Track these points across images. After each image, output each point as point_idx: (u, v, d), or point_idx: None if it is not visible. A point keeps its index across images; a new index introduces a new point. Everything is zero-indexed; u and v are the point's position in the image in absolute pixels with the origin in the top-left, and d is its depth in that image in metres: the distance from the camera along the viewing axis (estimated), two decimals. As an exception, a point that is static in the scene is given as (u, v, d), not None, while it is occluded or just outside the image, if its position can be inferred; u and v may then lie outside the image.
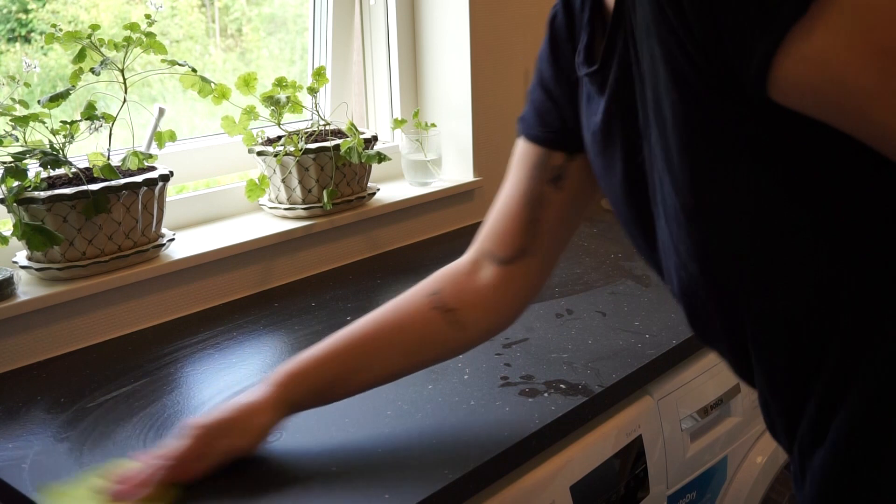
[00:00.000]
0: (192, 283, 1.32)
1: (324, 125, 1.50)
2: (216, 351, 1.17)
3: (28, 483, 0.86)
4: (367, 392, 1.02)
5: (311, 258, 1.48)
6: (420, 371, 0.94)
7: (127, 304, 1.24)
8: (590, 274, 1.41)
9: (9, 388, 1.08)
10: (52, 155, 1.17)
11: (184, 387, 1.06)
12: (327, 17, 1.67)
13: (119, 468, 0.83)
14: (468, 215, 1.76)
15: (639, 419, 1.08)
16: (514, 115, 1.88)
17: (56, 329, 1.18)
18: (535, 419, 0.94)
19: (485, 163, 1.76)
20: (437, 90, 1.75)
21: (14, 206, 1.14)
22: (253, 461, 0.88)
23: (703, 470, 1.20)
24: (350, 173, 1.49)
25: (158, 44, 1.25)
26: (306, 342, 1.18)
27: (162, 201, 1.28)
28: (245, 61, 1.66)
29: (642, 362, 1.07)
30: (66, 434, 0.95)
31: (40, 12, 1.36)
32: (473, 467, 0.85)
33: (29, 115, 1.14)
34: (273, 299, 1.36)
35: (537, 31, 1.82)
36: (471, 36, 1.68)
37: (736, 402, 1.26)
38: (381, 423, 0.94)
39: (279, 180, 1.45)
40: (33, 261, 1.20)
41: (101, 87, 1.25)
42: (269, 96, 1.42)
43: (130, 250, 1.23)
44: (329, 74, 1.66)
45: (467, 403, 0.98)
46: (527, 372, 1.05)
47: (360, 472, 0.85)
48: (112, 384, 1.07)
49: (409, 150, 1.68)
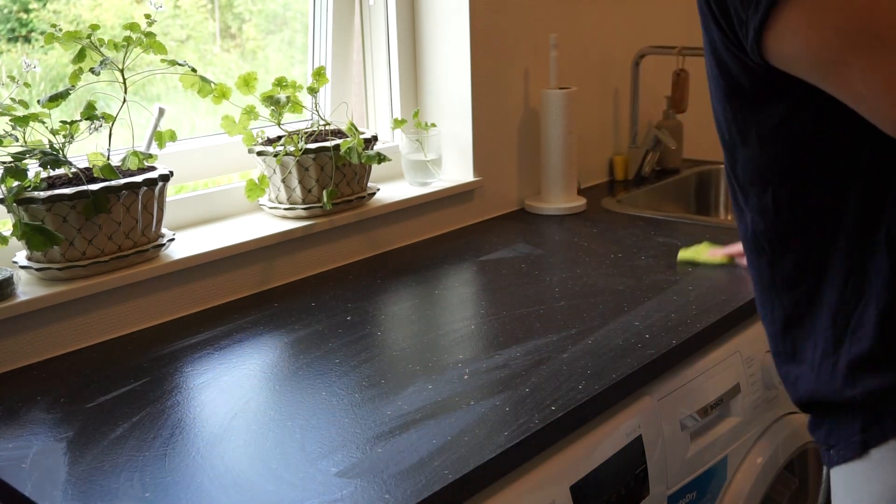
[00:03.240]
0: (192, 283, 1.32)
1: (324, 125, 1.50)
2: (216, 351, 1.17)
3: (28, 483, 0.86)
4: (366, 391, 1.02)
5: (311, 258, 1.48)
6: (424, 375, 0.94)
7: (127, 304, 1.24)
8: (590, 274, 1.41)
9: (9, 388, 1.08)
10: (52, 155, 1.17)
11: (183, 387, 1.06)
12: (327, 16, 1.68)
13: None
14: (468, 215, 1.76)
15: (639, 419, 1.08)
16: (515, 115, 1.90)
17: (56, 329, 1.18)
18: (535, 419, 0.94)
19: (485, 163, 1.76)
20: (437, 90, 1.75)
21: (14, 206, 1.14)
22: (252, 461, 0.88)
23: (703, 470, 1.20)
24: (350, 173, 1.49)
25: (158, 44, 1.25)
26: (306, 342, 1.18)
27: (162, 201, 1.28)
28: (248, 60, 1.66)
29: (642, 362, 1.07)
30: (66, 434, 0.95)
31: (41, 12, 1.36)
32: (473, 467, 0.85)
33: (29, 115, 1.14)
34: (273, 299, 1.36)
35: (537, 31, 1.82)
36: (471, 36, 1.68)
37: (736, 402, 1.26)
38: (381, 423, 0.94)
39: (279, 180, 1.45)
40: (33, 261, 1.20)
41: (101, 87, 1.25)
42: (269, 96, 1.42)
43: (130, 250, 1.23)
44: (329, 74, 1.66)
45: (467, 403, 0.98)
46: (527, 372, 1.05)
47: (359, 472, 0.85)
48: (112, 384, 1.07)
49: (409, 150, 1.68)
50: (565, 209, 1.80)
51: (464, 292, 1.39)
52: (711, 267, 1.40)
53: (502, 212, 1.83)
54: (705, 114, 2.60)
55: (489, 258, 1.53)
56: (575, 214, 1.80)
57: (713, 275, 1.38)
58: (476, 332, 1.19)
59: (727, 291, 1.30)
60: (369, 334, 1.20)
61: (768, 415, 1.35)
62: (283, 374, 1.09)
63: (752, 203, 0.86)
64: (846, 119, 0.74)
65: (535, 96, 1.85)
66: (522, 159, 1.86)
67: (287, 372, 1.09)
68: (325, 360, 1.12)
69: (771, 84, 0.77)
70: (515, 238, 1.65)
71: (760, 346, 1.32)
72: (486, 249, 1.58)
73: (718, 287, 1.32)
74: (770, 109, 0.79)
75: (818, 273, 0.82)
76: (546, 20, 1.85)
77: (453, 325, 1.22)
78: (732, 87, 0.82)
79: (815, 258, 0.82)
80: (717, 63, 0.82)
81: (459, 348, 1.14)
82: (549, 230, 1.69)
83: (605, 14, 2.03)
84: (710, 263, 1.41)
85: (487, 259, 1.52)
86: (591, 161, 2.07)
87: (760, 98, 0.79)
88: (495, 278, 1.42)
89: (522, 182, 1.87)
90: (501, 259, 1.52)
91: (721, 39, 0.78)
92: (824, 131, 0.78)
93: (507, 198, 1.84)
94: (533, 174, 1.88)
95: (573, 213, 1.81)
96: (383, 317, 1.27)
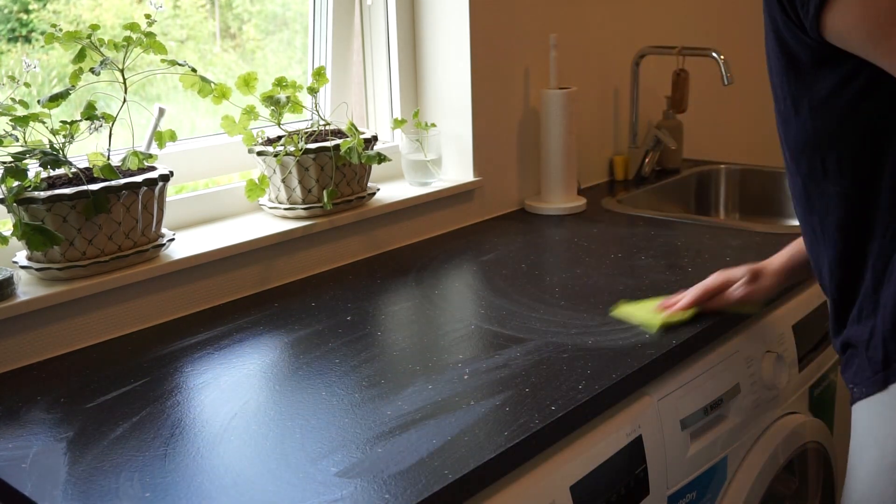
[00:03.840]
0: (192, 283, 1.32)
1: (324, 125, 1.51)
2: (216, 351, 1.17)
3: (28, 483, 0.86)
4: (366, 391, 1.02)
5: (311, 258, 1.48)
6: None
7: (127, 304, 1.24)
8: (590, 274, 1.41)
9: (9, 388, 1.08)
10: (52, 155, 1.17)
11: (183, 387, 1.07)
12: (327, 17, 1.68)
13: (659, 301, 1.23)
14: (468, 215, 1.76)
15: (639, 419, 1.08)
16: (515, 115, 1.89)
17: (56, 329, 1.18)
18: (535, 419, 0.94)
19: (485, 163, 1.76)
20: (437, 90, 1.75)
21: (14, 206, 1.14)
22: (252, 461, 0.88)
23: (703, 470, 1.20)
24: (350, 173, 1.49)
25: (158, 44, 1.25)
26: (306, 342, 1.18)
27: (162, 201, 1.28)
28: (247, 61, 1.66)
29: (642, 362, 1.07)
30: (66, 434, 0.95)
31: (41, 12, 1.36)
32: (473, 467, 0.85)
33: (29, 115, 1.14)
34: (273, 299, 1.36)
35: (537, 31, 1.83)
36: (471, 36, 1.68)
37: (736, 402, 1.26)
38: (381, 423, 0.94)
39: (279, 180, 1.45)
40: (33, 261, 1.20)
41: (101, 87, 1.25)
42: (269, 96, 1.42)
43: (130, 250, 1.23)
44: (329, 74, 1.66)
45: (467, 403, 0.98)
46: (526, 372, 1.05)
47: (359, 472, 0.85)
48: (112, 384, 1.07)
49: (409, 150, 1.68)
50: (565, 209, 1.80)
51: (464, 292, 1.39)
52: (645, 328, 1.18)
53: (502, 212, 1.83)
54: (705, 114, 2.61)
55: (489, 258, 1.53)
56: (575, 214, 1.80)
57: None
58: (476, 332, 1.19)
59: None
60: (369, 334, 1.20)
61: (768, 415, 1.35)
62: (283, 374, 1.09)
63: (803, 168, 0.99)
64: (890, 92, 0.89)
65: (535, 96, 1.85)
66: (522, 159, 1.86)
67: (287, 372, 1.10)
68: (325, 360, 1.12)
69: (824, 58, 0.90)
70: (515, 238, 1.65)
71: (760, 346, 1.32)
72: (486, 249, 1.58)
73: (718, 287, 1.32)
74: (822, 82, 0.92)
75: (862, 228, 0.96)
76: (546, 20, 1.85)
77: (453, 325, 1.22)
78: (790, 62, 0.94)
79: (859, 215, 0.96)
80: (778, 40, 0.94)
81: (459, 348, 1.14)
82: (549, 230, 1.69)
83: (605, 14, 2.03)
84: (645, 325, 1.18)
85: (487, 259, 1.52)
86: (591, 161, 2.07)
87: (814, 71, 0.92)
88: (495, 278, 1.42)
89: (522, 182, 1.87)
90: (501, 259, 1.52)
91: (783, 19, 0.92)
92: (870, 102, 0.91)
93: (507, 198, 1.84)
94: (533, 174, 1.88)
95: (573, 213, 1.81)
96: (383, 317, 1.27)
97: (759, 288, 1.22)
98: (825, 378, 1.55)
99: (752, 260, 1.26)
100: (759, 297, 1.23)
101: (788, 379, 1.37)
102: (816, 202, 1.00)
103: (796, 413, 1.43)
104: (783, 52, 0.95)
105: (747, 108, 2.67)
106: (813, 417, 1.48)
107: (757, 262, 1.25)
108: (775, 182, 2.14)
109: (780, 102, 0.99)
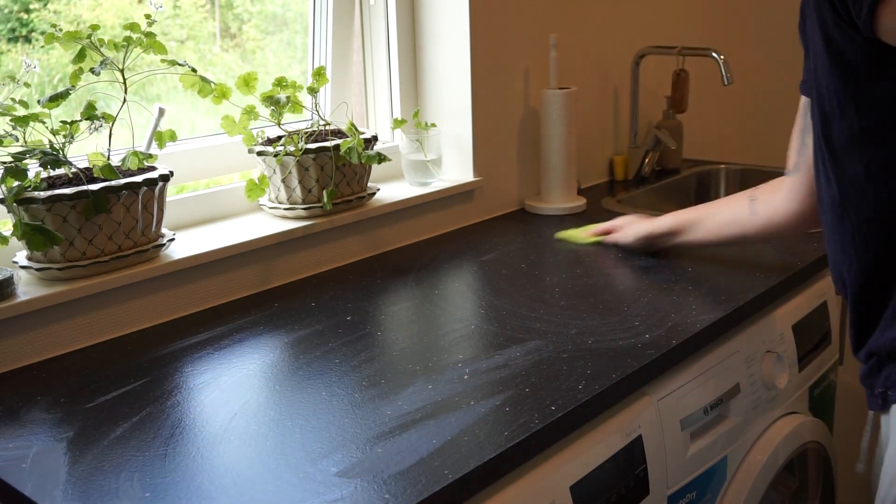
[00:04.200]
0: (192, 283, 1.32)
1: (324, 125, 1.51)
2: (216, 351, 1.17)
3: (28, 483, 0.86)
4: (366, 391, 1.02)
5: (311, 258, 1.48)
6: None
7: (127, 304, 1.24)
8: (590, 274, 1.41)
9: (9, 388, 1.08)
10: (52, 155, 1.17)
11: (183, 387, 1.07)
12: (327, 17, 1.68)
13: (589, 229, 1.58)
14: (468, 215, 1.76)
15: (639, 419, 1.08)
16: (515, 115, 1.89)
17: (56, 329, 1.18)
18: (535, 419, 0.94)
19: (485, 163, 1.76)
20: (437, 90, 1.75)
21: (14, 206, 1.14)
22: (252, 461, 0.88)
23: (703, 470, 1.20)
24: (350, 173, 1.49)
25: (158, 44, 1.25)
26: (306, 342, 1.18)
27: (162, 201, 1.28)
28: (247, 61, 1.66)
29: (642, 362, 1.07)
30: (66, 434, 0.95)
31: (42, 12, 1.36)
32: (473, 467, 0.85)
33: (29, 115, 1.14)
34: (273, 299, 1.36)
35: (537, 31, 1.83)
36: (471, 36, 1.68)
37: (736, 402, 1.26)
38: (381, 423, 0.94)
39: (279, 180, 1.45)
40: (33, 261, 1.20)
41: (102, 87, 1.25)
42: (269, 96, 1.42)
43: (130, 250, 1.23)
44: (329, 74, 1.66)
45: (467, 403, 0.98)
46: (526, 372, 1.06)
47: (359, 472, 0.85)
48: (112, 384, 1.07)
49: (409, 150, 1.68)
50: (565, 209, 1.81)
51: (464, 292, 1.39)
52: (583, 245, 1.56)
53: (502, 212, 1.83)
54: (705, 114, 2.61)
55: (489, 258, 1.53)
56: (575, 214, 1.80)
57: (713, 275, 1.38)
58: (476, 332, 1.19)
59: (727, 291, 1.30)
60: (369, 334, 1.20)
61: (768, 415, 1.35)
62: (283, 374, 1.09)
63: (842, 171, 0.98)
64: None
65: (535, 96, 1.85)
66: (522, 159, 1.86)
67: (287, 372, 1.10)
68: (325, 360, 1.12)
69: (875, 58, 0.90)
70: (515, 238, 1.65)
71: (760, 346, 1.32)
72: (486, 249, 1.58)
73: (718, 287, 1.32)
74: (871, 81, 0.92)
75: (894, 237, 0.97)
76: (546, 20, 1.85)
77: (453, 325, 1.22)
78: (838, 62, 0.94)
79: (893, 224, 0.97)
80: (826, 40, 0.94)
81: (459, 348, 1.14)
82: (549, 230, 1.69)
83: (605, 14, 2.03)
84: (581, 243, 1.57)
85: (487, 259, 1.52)
86: (591, 161, 2.08)
87: (863, 71, 0.92)
88: (495, 278, 1.42)
89: (522, 182, 1.87)
90: (501, 259, 1.52)
91: (833, 19, 0.91)
92: None
93: (507, 198, 1.84)
94: (533, 174, 1.88)
95: (573, 213, 1.81)
96: (383, 317, 1.27)
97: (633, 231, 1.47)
98: (825, 378, 1.55)
99: (752, 258, 1.26)
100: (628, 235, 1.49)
101: (788, 379, 1.37)
102: (852, 209, 0.99)
103: (796, 413, 1.43)
104: (831, 51, 0.94)
105: (747, 108, 2.68)
106: (813, 417, 1.48)
107: (757, 261, 1.25)
108: (775, 182, 2.13)
109: (824, 103, 0.98)
